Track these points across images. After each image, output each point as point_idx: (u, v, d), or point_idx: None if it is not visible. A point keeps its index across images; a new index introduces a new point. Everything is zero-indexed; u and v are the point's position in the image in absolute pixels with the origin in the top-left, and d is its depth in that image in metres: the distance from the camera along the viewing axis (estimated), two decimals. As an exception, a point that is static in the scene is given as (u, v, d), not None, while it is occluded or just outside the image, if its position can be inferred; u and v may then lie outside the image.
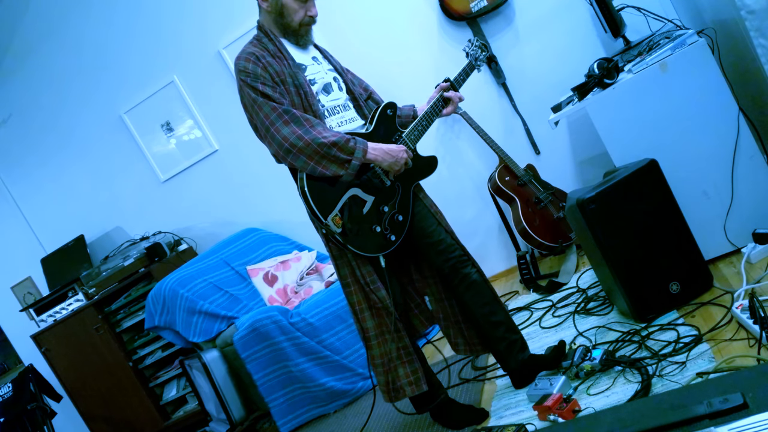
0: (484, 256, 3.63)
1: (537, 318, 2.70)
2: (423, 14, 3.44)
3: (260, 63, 1.95)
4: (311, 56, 2.13)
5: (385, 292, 2.04)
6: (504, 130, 3.43)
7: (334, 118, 2.06)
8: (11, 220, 4.40)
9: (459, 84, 2.25)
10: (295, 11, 2.02)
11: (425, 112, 2.15)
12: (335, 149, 1.89)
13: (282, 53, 2.02)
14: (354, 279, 2.08)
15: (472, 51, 2.36)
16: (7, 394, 3.39)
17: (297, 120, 1.90)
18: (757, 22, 2.07)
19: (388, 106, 2.12)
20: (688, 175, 2.25)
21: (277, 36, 2.05)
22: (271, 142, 1.93)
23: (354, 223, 1.96)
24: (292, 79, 1.99)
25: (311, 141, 1.88)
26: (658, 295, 2.07)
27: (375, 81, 3.56)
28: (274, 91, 1.93)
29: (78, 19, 3.95)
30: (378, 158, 1.97)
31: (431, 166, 2.18)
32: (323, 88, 2.07)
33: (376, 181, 2.02)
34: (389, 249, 2.02)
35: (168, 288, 3.25)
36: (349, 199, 1.97)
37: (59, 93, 4.11)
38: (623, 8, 2.84)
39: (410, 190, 2.11)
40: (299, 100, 1.98)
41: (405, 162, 2.03)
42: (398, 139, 2.08)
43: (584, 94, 2.40)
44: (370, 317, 2.09)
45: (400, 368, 2.09)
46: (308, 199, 1.92)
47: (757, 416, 0.82)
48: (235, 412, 3.19)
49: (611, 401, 1.77)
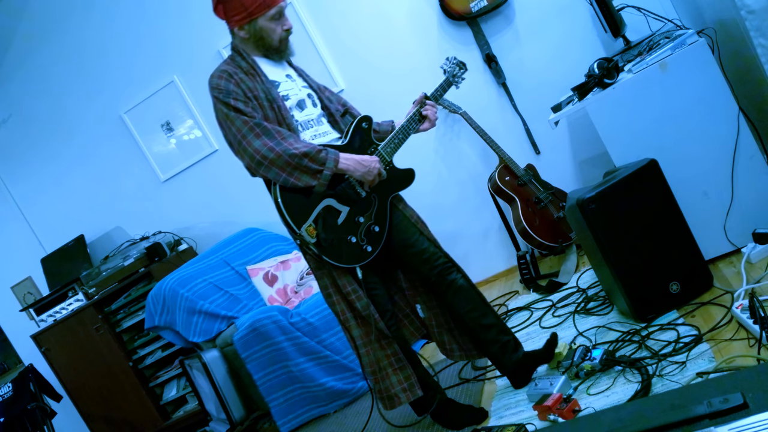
0: (484, 256, 3.63)
1: (537, 318, 2.70)
2: (423, 14, 3.43)
3: (232, 79, 1.99)
4: (285, 74, 2.17)
5: (366, 301, 2.05)
6: (504, 130, 3.43)
7: (308, 132, 2.08)
8: (11, 220, 4.40)
9: (436, 99, 2.27)
10: (273, 30, 2.06)
11: (401, 126, 2.16)
12: (306, 160, 1.92)
13: (255, 70, 2.06)
14: (335, 289, 2.09)
15: (449, 68, 2.40)
16: (7, 394, 3.39)
17: (268, 132, 1.94)
18: (757, 22, 2.07)
19: (363, 119, 2.14)
20: (688, 175, 2.25)
21: (250, 55, 2.09)
22: (244, 155, 1.96)
23: (328, 233, 1.98)
24: (265, 94, 2.02)
25: (282, 152, 1.91)
26: (658, 295, 2.07)
27: (375, 81, 3.58)
28: (246, 106, 1.96)
29: (78, 19, 3.95)
30: (350, 168, 1.99)
31: (408, 179, 2.19)
32: (297, 103, 2.11)
33: (350, 192, 2.04)
34: (366, 260, 2.04)
35: (168, 288, 3.25)
36: (323, 210, 1.99)
37: (59, 93, 4.11)
38: (623, 8, 2.83)
39: (387, 202, 2.12)
40: (273, 114, 2.01)
41: (378, 172, 2.05)
42: (374, 151, 2.10)
43: (584, 94, 2.40)
44: (356, 326, 2.10)
45: (393, 375, 2.10)
46: (282, 210, 1.96)
47: (757, 416, 0.82)
48: (235, 412, 3.19)
49: (611, 401, 1.77)
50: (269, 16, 2.02)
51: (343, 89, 3.63)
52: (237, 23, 2.03)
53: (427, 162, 3.60)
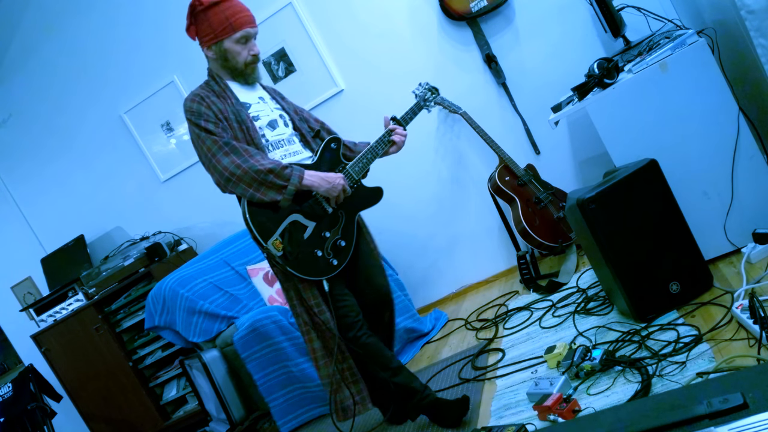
0: (484, 256, 3.63)
1: (537, 318, 2.70)
2: (423, 14, 3.44)
3: (204, 102, 2.12)
4: (257, 96, 2.29)
5: (328, 314, 2.13)
6: (504, 130, 3.43)
7: (278, 151, 2.19)
8: (11, 220, 4.40)
9: (406, 122, 2.37)
10: (238, 53, 2.18)
11: (370, 147, 2.26)
12: (272, 176, 2.02)
13: (226, 93, 2.19)
14: (300, 301, 2.17)
15: (420, 93, 2.53)
16: (7, 394, 3.40)
17: (236, 151, 2.05)
18: (757, 22, 2.07)
19: (332, 140, 2.25)
20: (688, 175, 2.25)
21: (223, 78, 2.22)
22: (213, 172, 2.07)
23: (294, 247, 2.06)
24: (235, 116, 2.14)
25: (249, 169, 2.01)
26: (658, 295, 2.07)
27: (375, 81, 3.58)
28: (216, 127, 2.08)
29: (78, 19, 3.95)
30: (314, 184, 2.08)
31: (376, 197, 2.29)
32: (268, 123, 2.22)
33: (317, 207, 2.13)
34: (332, 273, 2.12)
35: (168, 288, 3.25)
36: (289, 225, 2.07)
37: (59, 93, 4.11)
38: (623, 8, 2.83)
39: (354, 218, 2.23)
40: (242, 134, 2.13)
41: (342, 188, 2.13)
42: (342, 170, 2.21)
43: (584, 94, 2.40)
44: (316, 338, 2.19)
45: (346, 388, 2.19)
46: (249, 224, 2.05)
47: (757, 416, 0.81)
48: (235, 412, 3.19)
49: (611, 401, 1.77)
50: (234, 39, 2.16)
51: (343, 89, 3.63)
52: (205, 44, 2.19)
53: (427, 162, 3.61)
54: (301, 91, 3.68)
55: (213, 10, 2.14)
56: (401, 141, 2.29)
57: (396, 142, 2.28)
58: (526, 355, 2.39)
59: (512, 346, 2.56)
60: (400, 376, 2.19)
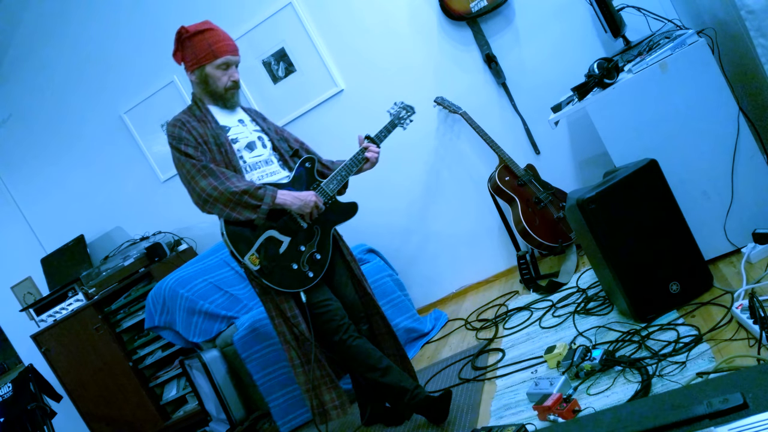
0: (484, 256, 3.63)
1: (537, 318, 2.70)
2: (423, 14, 3.44)
3: (185, 127, 2.24)
4: (237, 119, 2.40)
5: (304, 326, 2.24)
6: (504, 130, 3.43)
7: (255, 173, 2.30)
8: (11, 220, 4.40)
9: (380, 140, 2.46)
10: (219, 78, 2.30)
11: (344, 164, 2.37)
12: (246, 196, 2.14)
13: (207, 117, 2.31)
14: (278, 312, 2.28)
15: (395, 111, 2.61)
16: (7, 394, 3.39)
17: (213, 173, 2.17)
18: (757, 22, 2.06)
19: (307, 159, 2.38)
20: (688, 175, 2.25)
21: (205, 103, 2.34)
22: (192, 193, 2.20)
23: (270, 261, 2.18)
24: (215, 139, 2.26)
25: (224, 191, 2.14)
26: (658, 295, 2.07)
27: (375, 81, 3.58)
28: (195, 151, 2.20)
29: (78, 19, 3.95)
30: (287, 202, 2.19)
31: (351, 211, 2.39)
32: (246, 145, 2.32)
33: (292, 223, 2.24)
34: (308, 285, 2.23)
35: (168, 288, 3.25)
36: (265, 240, 2.19)
37: (59, 93, 4.11)
38: (623, 8, 2.83)
39: (329, 232, 2.33)
40: (221, 156, 2.24)
41: (315, 205, 2.24)
42: (316, 188, 2.32)
43: (584, 94, 2.40)
44: (296, 347, 2.29)
45: (326, 393, 2.30)
46: (227, 241, 2.17)
47: (757, 416, 0.81)
48: (235, 412, 3.19)
49: (611, 401, 1.77)
50: (216, 65, 2.28)
51: (343, 89, 3.63)
52: (189, 68, 2.31)
53: (427, 162, 3.61)
54: (301, 91, 3.68)
55: (198, 37, 2.28)
56: (374, 158, 2.40)
57: (369, 159, 2.39)
58: (526, 355, 2.39)
59: (512, 346, 2.56)
60: (389, 377, 2.24)
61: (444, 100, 3.38)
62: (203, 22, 2.35)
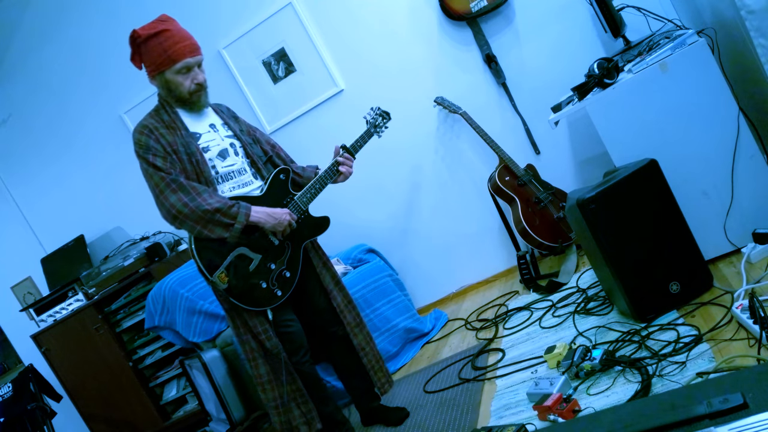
0: (484, 256, 3.63)
1: (537, 318, 2.70)
2: (423, 14, 3.44)
3: (153, 135, 2.12)
4: (208, 124, 2.27)
5: (276, 339, 2.20)
6: (504, 130, 3.43)
7: (227, 184, 2.21)
8: (11, 220, 4.40)
9: (356, 149, 2.42)
10: (181, 83, 2.17)
11: (318, 177, 2.31)
12: (219, 215, 2.06)
13: (176, 123, 2.18)
14: (246, 329, 2.23)
15: (371, 119, 2.56)
16: (7, 394, 3.39)
17: (184, 188, 2.07)
18: (757, 22, 2.06)
19: (281, 171, 2.29)
20: (688, 175, 2.25)
21: (173, 107, 2.21)
22: (161, 208, 2.10)
23: (239, 280, 2.11)
24: (185, 148, 2.14)
25: (196, 208, 2.05)
26: (658, 295, 2.07)
27: (375, 82, 3.58)
28: (164, 162, 2.10)
29: (78, 18, 3.95)
30: (261, 220, 2.13)
31: (322, 226, 2.34)
32: (219, 153, 2.22)
33: (263, 240, 2.18)
34: (276, 303, 2.18)
35: (168, 288, 3.25)
36: (235, 258, 2.12)
37: (59, 93, 4.11)
38: (623, 8, 2.83)
39: (300, 249, 2.28)
40: (191, 167, 2.14)
41: (288, 223, 2.19)
42: (290, 201, 2.26)
43: (584, 94, 2.40)
44: (263, 363, 2.24)
45: (295, 409, 2.25)
46: (196, 258, 2.10)
47: (757, 416, 0.82)
48: (235, 412, 3.19)
49: (611, 401, 1.77)
50: (175, 70, 2.15)
51: (343, 89, 3.63)
52: (150, 74, 2.20)
53: (427, 162, 3.61)
54: (301, 91, 3.68)
55: (152, 42, 2.15)
56: (348, 171, 2.36)
57: (343, 173, 2.35)
58: (526, 355, 2.39)
59: (512, 346, 2.56)
60: (327, 408, 2.30)
61: (444, 100, 3.38)
62: (157, 21, 2.19)
